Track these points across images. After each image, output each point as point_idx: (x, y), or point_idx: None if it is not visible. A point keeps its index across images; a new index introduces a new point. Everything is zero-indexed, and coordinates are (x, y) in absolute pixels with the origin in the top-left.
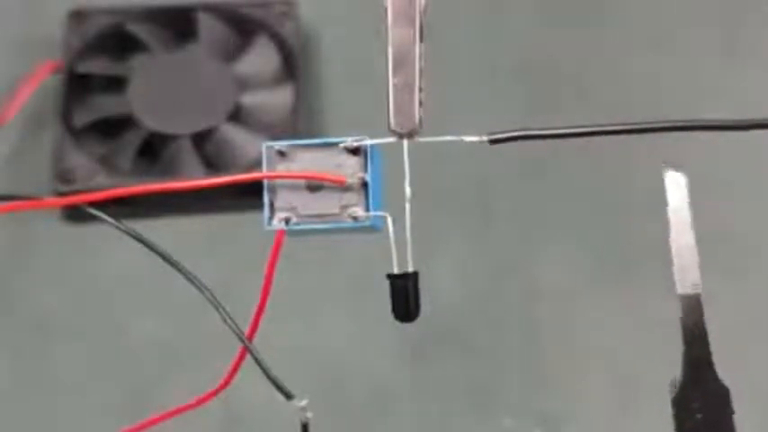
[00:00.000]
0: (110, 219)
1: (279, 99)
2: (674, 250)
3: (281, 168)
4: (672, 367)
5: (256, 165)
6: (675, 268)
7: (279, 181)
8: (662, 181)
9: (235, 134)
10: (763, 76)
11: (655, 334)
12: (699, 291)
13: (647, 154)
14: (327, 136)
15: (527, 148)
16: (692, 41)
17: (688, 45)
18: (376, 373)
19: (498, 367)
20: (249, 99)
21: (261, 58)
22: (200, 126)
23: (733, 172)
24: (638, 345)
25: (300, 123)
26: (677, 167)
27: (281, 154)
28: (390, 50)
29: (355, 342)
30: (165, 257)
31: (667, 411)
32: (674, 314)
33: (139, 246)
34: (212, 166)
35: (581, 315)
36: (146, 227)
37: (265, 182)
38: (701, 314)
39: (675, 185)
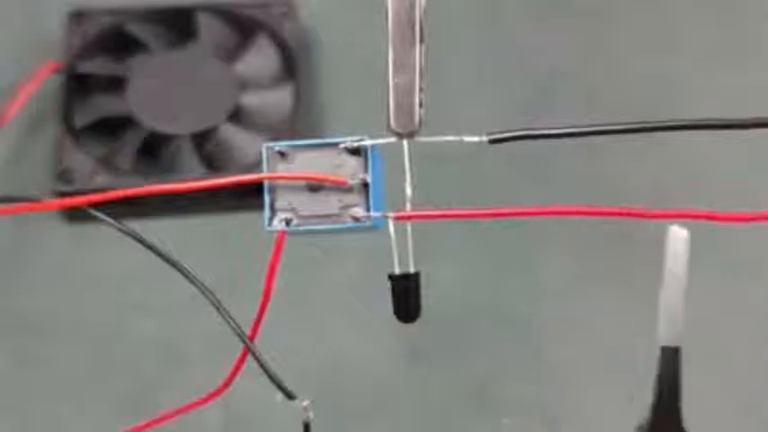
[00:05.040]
0: (110, 219)
1: (278, 99)
2: (662, 303)
3: (282, 169)
4: None
5: (256, 165)
6: (661, 321)
7: (279, 182)
8: (662, 179)
9: (234, 134)
10: (763, 76)
11: (656, 334)
12: (680, 344)
13: (647, 154)
14: (327, 136)
15: (527, 147)
16: (692, 41)
17: (688, 45)
18: (376, 373)
19: (498, 367)
20: (249, 99)
21: (261, 58)
22: (200, 126)
23: (733, 172)
24: (638, 345)
25: (300, 123)
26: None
27: (282, 155)
28: (391, 51)
29: (356, 342)
30: (165, 257)
31: None
32: None
33: (139, 246)
34: (212, 166)
35: (581, 315)
36: (146, 227)
37: (266, 183)
38: (679, 366)
39: (677, 241)
